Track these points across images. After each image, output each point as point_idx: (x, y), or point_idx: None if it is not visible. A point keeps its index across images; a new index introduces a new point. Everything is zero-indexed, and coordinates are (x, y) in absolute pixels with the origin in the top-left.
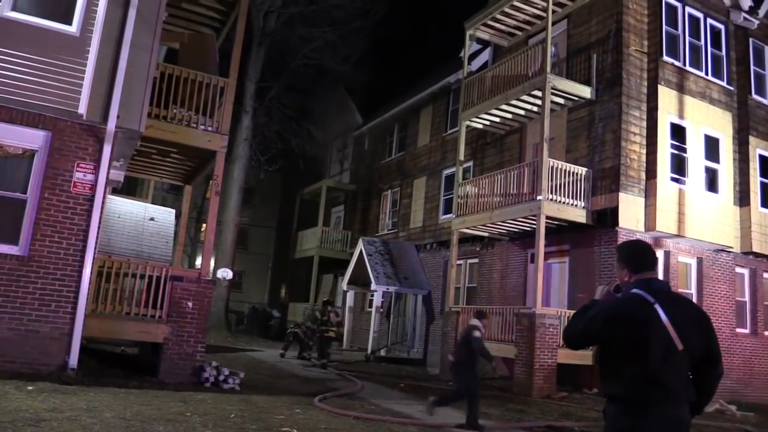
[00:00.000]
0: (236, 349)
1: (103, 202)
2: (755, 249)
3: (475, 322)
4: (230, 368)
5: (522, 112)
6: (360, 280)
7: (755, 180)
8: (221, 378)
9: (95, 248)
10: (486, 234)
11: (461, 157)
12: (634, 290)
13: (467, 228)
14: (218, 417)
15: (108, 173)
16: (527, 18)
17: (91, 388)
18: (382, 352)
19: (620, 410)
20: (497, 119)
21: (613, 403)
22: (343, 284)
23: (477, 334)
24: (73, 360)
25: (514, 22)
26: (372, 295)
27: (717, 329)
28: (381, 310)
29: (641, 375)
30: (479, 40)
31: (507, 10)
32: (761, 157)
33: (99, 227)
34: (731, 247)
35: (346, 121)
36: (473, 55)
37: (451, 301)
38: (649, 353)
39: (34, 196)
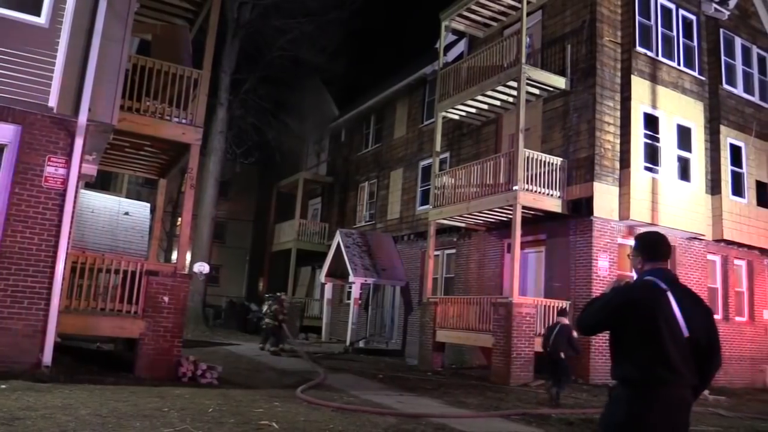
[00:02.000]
0: (214, 343)
1: (75, 197)
2: (726, 236)
3: (565, 320)
4: (208, 363)
5: (498, 103)
6: (338, 273)
7: (726, 169)
8: (199, 373)
9: (68, 243)
10: (463, 225)
11: (438, 148)
12: (648, 277)
13: (444, 219)
14: (196, 412)
15: (80, 167)
16: (502, 9)
17: (66, 385)
18: (361, 344)
19: (633, 393)
20: (473, 110)
21: (626, 387)
22: (321, 277)
23: (575, 333)
24: (47, 357)
25: (490, 13)
26: (350, 287)
27: None
28: (359, 302)
29: (653, 357)
30: (455, 31)
31: (482, 1)
32: (732, 146)
33: (72, 222)
34: (703, 235)
35: (322, 113)
36: (449, 46)
37: (429, 292)
38: (662, 337)
39: (5, 190)
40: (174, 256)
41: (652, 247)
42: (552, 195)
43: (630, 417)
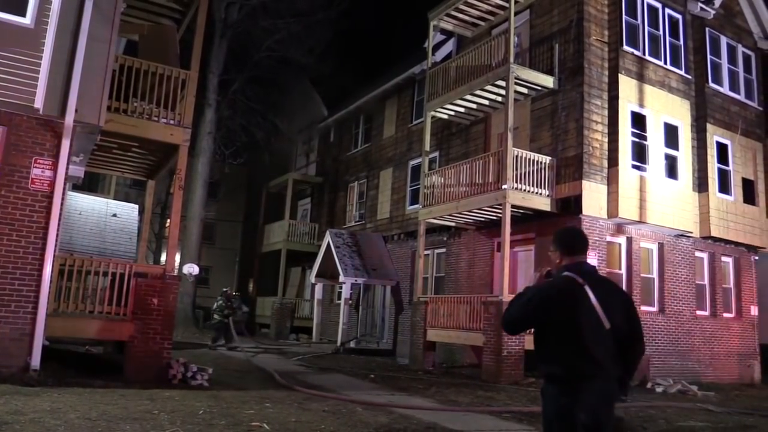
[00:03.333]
0: (204, 345)
1: (62, 199)
2: (714, 233)
3: None
4: (198, 364)
5: (486, 102)
6: (328, 273)
7: (713, 166)
8: (189, 375)
9: (55, 246)
10: (453, 224)
11: (427, 147)
12: (566, 273)
13: (434, 218)
14: (186, 414)
15: (67, 169)
16: (490, 8)
17: (55, 389)
18: (352, 344)
19: (559, 389)
20: (462, 109)
21: (552, 383)
22: (312, 277)
23: None
24: (36, 361)
25: (478, 13)
26: (340, 287)
27: (678, 312)
28: (350, 302)
29: (576, 352)
30: (443, 31)
31: (470, 0)
32: (718, 143)
33: (59, 224)
34: (691, 232)
35: (311, 113)
36: (437, 46)
37: (420, 291)
38: (582, 331)
39: None
40: (163, 257)
41: (569, 241)
42: (541, 194)
43: (558, 412)
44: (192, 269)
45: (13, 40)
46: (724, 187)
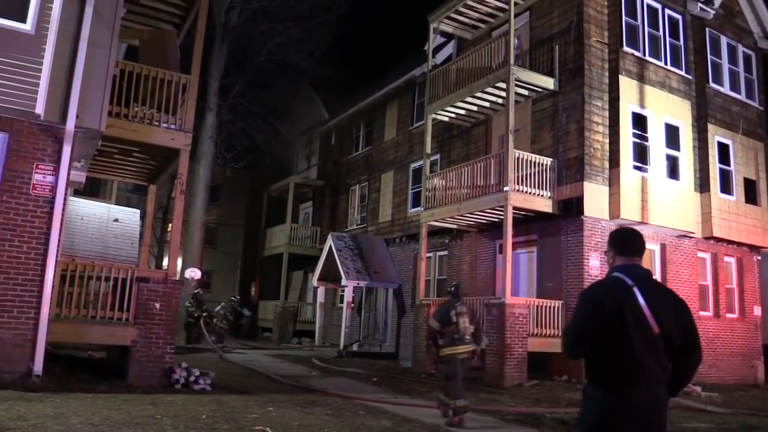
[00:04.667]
0: (206, 349)
1: (64, 204)
2: (716, 234)
3: None
4: (201, 369)
5: (487, 104)
6: (330, 276)
7: (714, 166)
8: (192, 379)
9: (57, 251)
10: (454, 226)
11: (428, 150)
12: (615, 273)
13: (436, 221)
14: (189, 418)
15: (68, 174)
16: (490, 10)
17: (58, 394)
18: (355, 347)
19: (603, 392)
20: (463, 112)
21: (596, 385)
22: (314, 280)
23: None
24: (38, 366)
25: (477, 15)
26: (343, 291)
27: None
28: (352, 305)
29: (622, 355)
30: (443, 33)
31: (470, 2)
32: (719, 144)
33: (61, 230)
34: (693, 233)
35: (311, 116)
36: (437, 48)
37: (422, 293)
38: (629, 334)
39: None
40: (165, 262)
41: (622, 242)
42: (542, 195)
43: (601, 417)
44: (194, 273)
45: (13, 47)
46: (726, 187)
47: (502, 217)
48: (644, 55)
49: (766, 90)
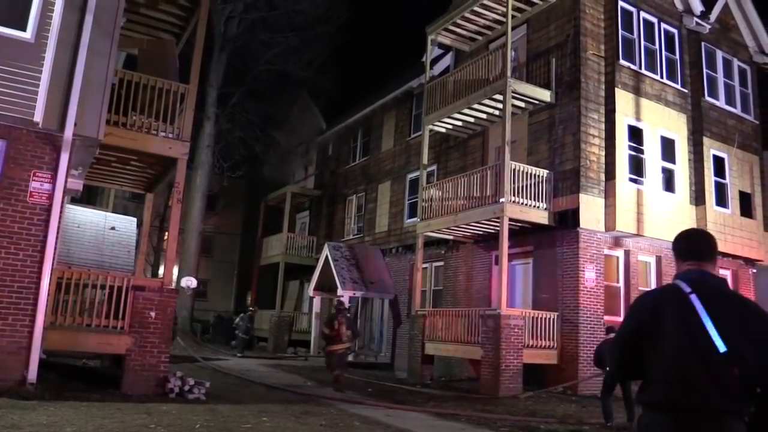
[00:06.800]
0: (202, 358)
1: (61, 212)
2: None
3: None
4: (196, 378)
5: (484, 116)
6: (326, 286)
7: (710, 179)
8: (186, 388)
9: (53, 259)
10: (451, 237)
11: (425, 161)
12: (675, 281)
13: (432, 231)
14: (183, 428)
15: (66, 182)
16: (487, 23)
17: (52, 402)
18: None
19: (651, 419)
20: (460, 123)
21: (648, 409)
22: (310, 290)
23: None
24: (32, 374)
25: (475, 27)
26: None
27: None
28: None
29: (674, 377)
30: (441, 45)
31: (468, 15)
32: (715, 157)
33: (57, 238)
34: None
35: (309, 126)
36: (435, 60)
37: (418, 304)
38: (681, 350)
39: None
40: (161, 270)
41: (681, 245)
42: (538, 207)
43: None
44: (190, 282)
45: (13, 54)
46: (721, 200)
47: (498, 228)
48: (640, 68)
49: (762, 104)
